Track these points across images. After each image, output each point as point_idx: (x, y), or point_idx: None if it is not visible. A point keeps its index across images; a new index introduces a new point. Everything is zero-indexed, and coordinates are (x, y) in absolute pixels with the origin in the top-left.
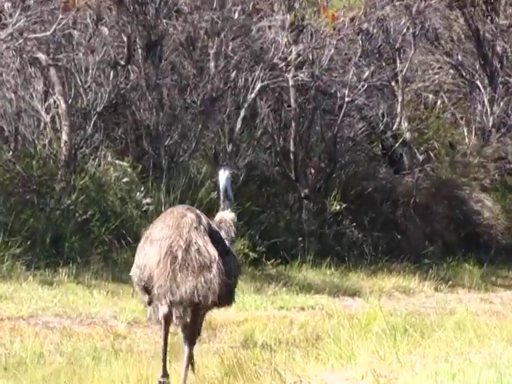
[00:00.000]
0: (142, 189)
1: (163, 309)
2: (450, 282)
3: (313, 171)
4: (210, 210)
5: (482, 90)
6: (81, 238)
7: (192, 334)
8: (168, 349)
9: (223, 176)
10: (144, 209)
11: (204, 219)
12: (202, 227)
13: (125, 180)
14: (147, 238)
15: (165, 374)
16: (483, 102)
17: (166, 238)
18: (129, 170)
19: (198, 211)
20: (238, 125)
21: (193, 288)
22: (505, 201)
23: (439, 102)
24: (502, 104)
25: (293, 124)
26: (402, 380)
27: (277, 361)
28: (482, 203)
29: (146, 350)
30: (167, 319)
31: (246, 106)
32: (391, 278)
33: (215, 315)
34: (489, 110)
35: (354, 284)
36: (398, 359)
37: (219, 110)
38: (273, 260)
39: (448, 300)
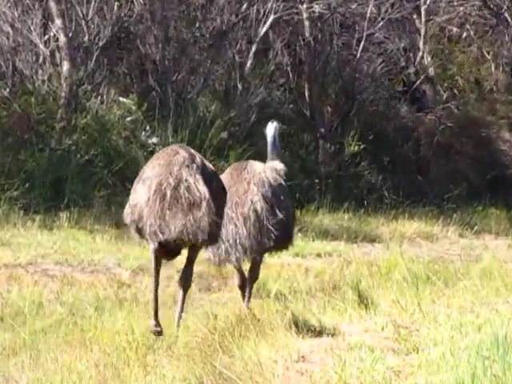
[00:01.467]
0: (148, 128)
1: (153, 246)
2: (476, 228)
3: (329, 109)
4: (220, 151)
5: (511, 23)
6: (82, 181)
7: (187, 273)
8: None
9: (271, 127)
10: (150, 149)
11: (198, 158)
12: (194, 165)
13: (129, 119)
14: (140, 178)
15: (157, 322)
16: (511, 35)
17: (157, 175)
18: (133, 107)
19: (192, 150)
20: (250, 60)
21: (182, 226)
22: None
23: (464, 36)
24: None
25: (308, 59)
26: (424, 331)
27: (292, 311)
28: (510, 143)
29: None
30: (157, 258)
31: (257, 40)
32: (413, 223)
33: None
34: None
35: (373, 229)
36: (421, 309)
37: (229, 45)
38: None
39: (473, 246)
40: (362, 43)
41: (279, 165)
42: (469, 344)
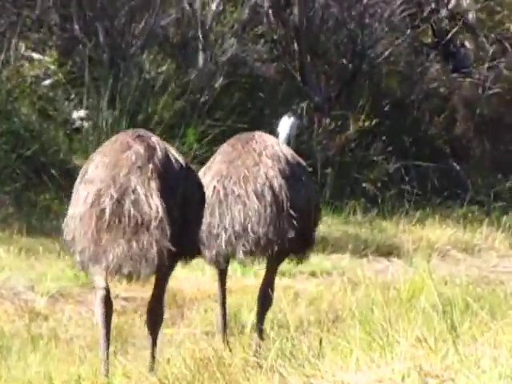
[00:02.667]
0: (73, 96)
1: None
2: None
3: (328, 69)
4: (174, 128)
5: None
6: None
7: (154, 309)
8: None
9: (287, 123)
10: (75, 126)
11: (159, 152)
12: (150, 166)
13: (47, 83)
14: (83, 177)
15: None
16: None
17: (98, 181)
18: (52, 67)
19: (153, 140)
20: (215, 2)
21: (122, 255)
22: None
23: None
24: None
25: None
26: (462, 381)
27: (275, 353)
28: None
29: (77, 337)
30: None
31: None
32: (446, 228)
33: (182, 286)
34: None
35: (390, 238)
36: (457, 350)
37: None
38: None
39: None
40: None
41: None
42: None
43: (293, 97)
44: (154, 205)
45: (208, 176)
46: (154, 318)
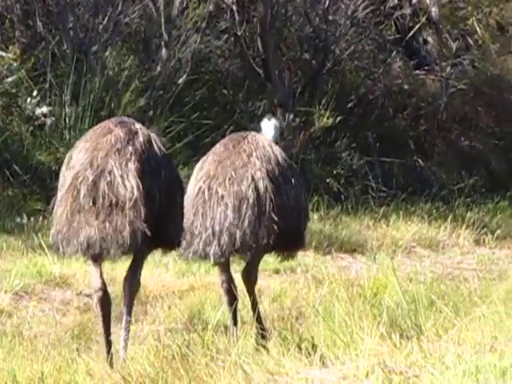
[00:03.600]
0: (35, 93)
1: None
2: (499, 232)
3: (292, 66)
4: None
5: None
6: None
7: (130, 283)
8: None
9: (270, 126)
10: (38, 123)
11: (141, 138)
12: (129, 149)
13: (9, 80)
14: (68, 163)
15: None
16: None
17: (78, 164)
18: (15, 64)
19: (136, 126)
20: None
21: (93, 235)
22: None
23: None
24: None
25: None
26: (426, 378)
27: (239, 350)
28: None
29: (41, 334)
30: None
31: None
32: (410, 225)
33: (146, 282)
34: None
35: (353, 235)
36: (421, 348)
37: None
38: None
39: (495, 258)
40: None
41: None
42: None
43: (256, 93)
44: (129, 186)
45: (198, 176)
46: (130, 288)
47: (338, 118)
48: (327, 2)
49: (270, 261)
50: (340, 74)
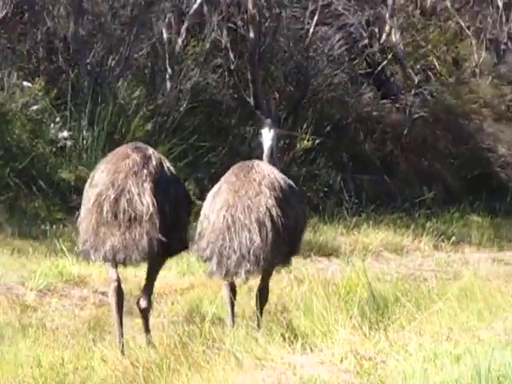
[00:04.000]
0: (58, 119)
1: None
2: (454, 238)
3: (277, 96)
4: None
5: None
6: None
7: (147, 287)
8: None
9: (269, 136)
10: (60, 145)
11: (154, 161)
12: (144, 172)
13: (35, 107)
14: (90, 182)
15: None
16: (497, 7)
17: (100, 184)
18: (40, 94)
19: (150, 151)
20: (181, 37)
21: (116, 244)
22: None
23: (440, 8)
24: None
25: (251, 35)
26: (391, 363)
27: (231, 340)
28: (495, 136)
29: (62, 326)
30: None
31: (190, 12)
32: (378, 232)
33: None
34: (504, 17)
35: (330, 241)
36: (387, 337)
37: (156, 18)
38: None
39: (451, 261)
40: (317, 16)
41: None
42: (445, 378)
43: (247, 119)
44: (145, 202)
45: (217, 204)
46: (145, 303)
47: (317, 141)
48: (307, 42)
49: None
50: (318, 103)
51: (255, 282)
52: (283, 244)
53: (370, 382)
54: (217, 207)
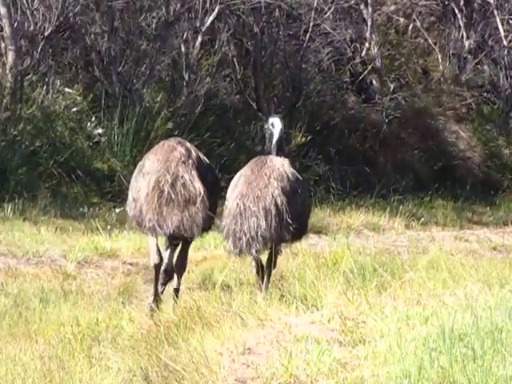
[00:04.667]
0: (93, 119)
1: (152, 239)
2: (423, 219)
3: (276, 100)
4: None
5: (458, 14)
6: (27, 171)
7: (180, 263)
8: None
9: (278, 126)
10: (95, 140)
11: (194, 153)
12: (190, 161)
13: (75, 109)
14: (140, 171)
15: (155, 299)
16: (458, 26)
17: (155, 171)
18: (79, 98)
19: (188, 145)
20: (196, 50)
21: (178, 222)
22: (481, 131)
23: (411, 26)
24: (478, 28)
25: (254, 50)
26: (370, 323)
27: (237, 303)
28: (457, 134)
29: (97, 292)
30: (158, 250)
31: (203, 30)
32: (359, 214)
33: None
34: (465, 34)
35: (319, 221)
36: (367, 301)
37: (175, 35)
38: None
39: (420, 238)
40: (309, 34)
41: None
42: (416, 336)
43: (250, 120)
44: (197, 187)
45: (234, 193)
46: (179, 267)
47: (309, 138)
48: (301, 55)
49: None
50: (310, 106)
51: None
52: (288, 227)
53: (352, 339)
54: (233, 196)
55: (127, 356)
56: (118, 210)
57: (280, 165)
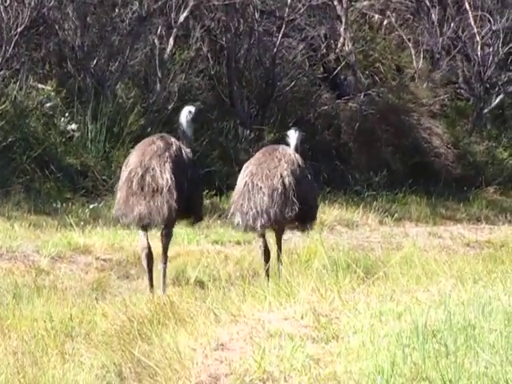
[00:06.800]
0: (67, 114)
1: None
2: (396, 215)
3: (249, 96)
4: (139, 137)
5: (431, 10)
6: (1, 167)
7: (164, 250)
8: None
9: (294, 136)
10: (68, 136)
11: (174, 148)
12: (166, 155)
13: (48, 105)
14: (125, 164)
15: (151, 285)
16: (432, 22)
17: (131, 164)
18: (52, 94)
19: (171, 140)
20: (169, 46)
21: (143, 211)
22: (455, 128)
23: (385, 23)
24: (452, 25)
25: (228, 46)
26: (344, 319)
27: (211, 299)
28: (431, 130)
29: (70, 287)
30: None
31: (177, 25)
32: (333, 210)
33: None
34: (438, 31)
35: None
36: (340, 297)
37: (149, 31)
38: (207, 191)
39: (394, 234)
40: (283, 29)
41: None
42: (389, 332)
43: (224, 115)
44: (165, 178)
45: (244, 173)
46: (164, 256)
47: (282, 134)
48: (275, 51)
49: (234, 234)
50: (284, 102)
51: (230, 252)
52: (293, 206)
53: (325, 335)
54: (243, 175)
55: (100, 352)
56: (91, 206)
57: (292, 152)
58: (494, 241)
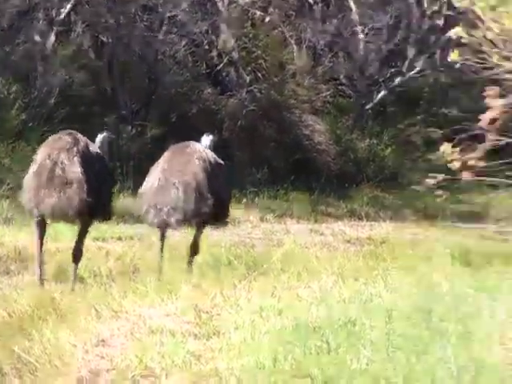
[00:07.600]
0: None
1: (35, 221)
2: (278, 212)
3: (132, 92)
4: (21, 132)
5: (314, 6)
6: None
7: (76, 249)
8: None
9: (206, 140)
10: None
11: (82, 144)
12: (75, 149)
13: None
14: (34, 160)
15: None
16: (315, 19)
17: (40, 159)
18: None
19: (78, 136)
20: (51, 41)
21: (53, 202)
22: (337, 124)
23: (268, 19)
24: (335, 21)
25: (110, 40)
26: (225, 315)
27: (92, 295)
28: (313, 127)
29: None
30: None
31: (59, 21)
32: None
33: (26, 244)
34: (321, 27)
35: None
36: (222, 294)
37: (30, 25)
38: None
39: (275, 231)
40: (165, 25)
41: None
42: (270, 328)
43: (106, 110)
44: (76, 171)
45: (155, 170)
46: (77, 255)
47: (165, 129)
48: (157, 46)
49: (116, 230)
50: (166, 97)
51: (112, 247)
52: (207, 201)
53: (207, 331)
54: (155, 172)
55: None
56: None
57: (202, 149)
58: (374, 237)
